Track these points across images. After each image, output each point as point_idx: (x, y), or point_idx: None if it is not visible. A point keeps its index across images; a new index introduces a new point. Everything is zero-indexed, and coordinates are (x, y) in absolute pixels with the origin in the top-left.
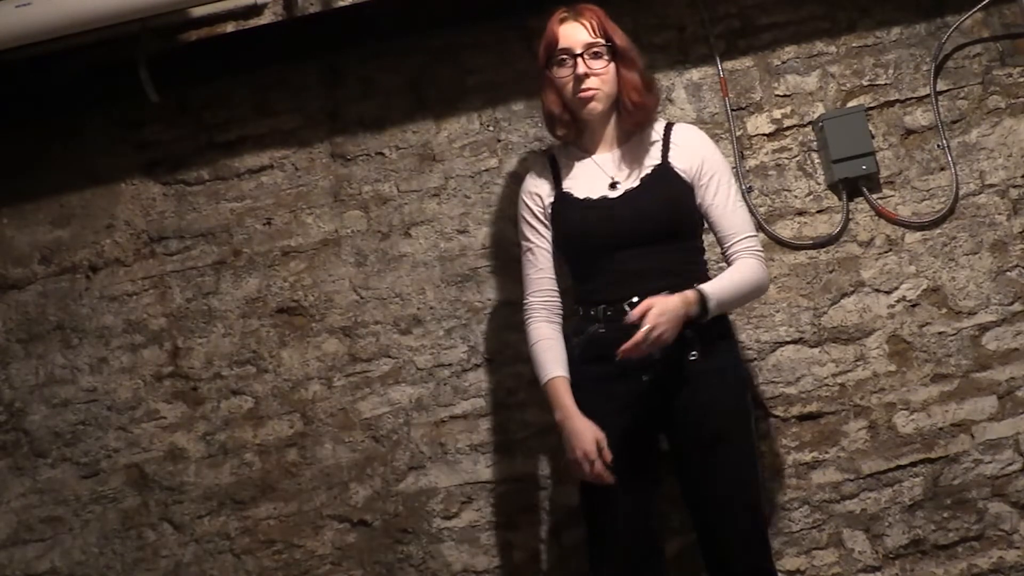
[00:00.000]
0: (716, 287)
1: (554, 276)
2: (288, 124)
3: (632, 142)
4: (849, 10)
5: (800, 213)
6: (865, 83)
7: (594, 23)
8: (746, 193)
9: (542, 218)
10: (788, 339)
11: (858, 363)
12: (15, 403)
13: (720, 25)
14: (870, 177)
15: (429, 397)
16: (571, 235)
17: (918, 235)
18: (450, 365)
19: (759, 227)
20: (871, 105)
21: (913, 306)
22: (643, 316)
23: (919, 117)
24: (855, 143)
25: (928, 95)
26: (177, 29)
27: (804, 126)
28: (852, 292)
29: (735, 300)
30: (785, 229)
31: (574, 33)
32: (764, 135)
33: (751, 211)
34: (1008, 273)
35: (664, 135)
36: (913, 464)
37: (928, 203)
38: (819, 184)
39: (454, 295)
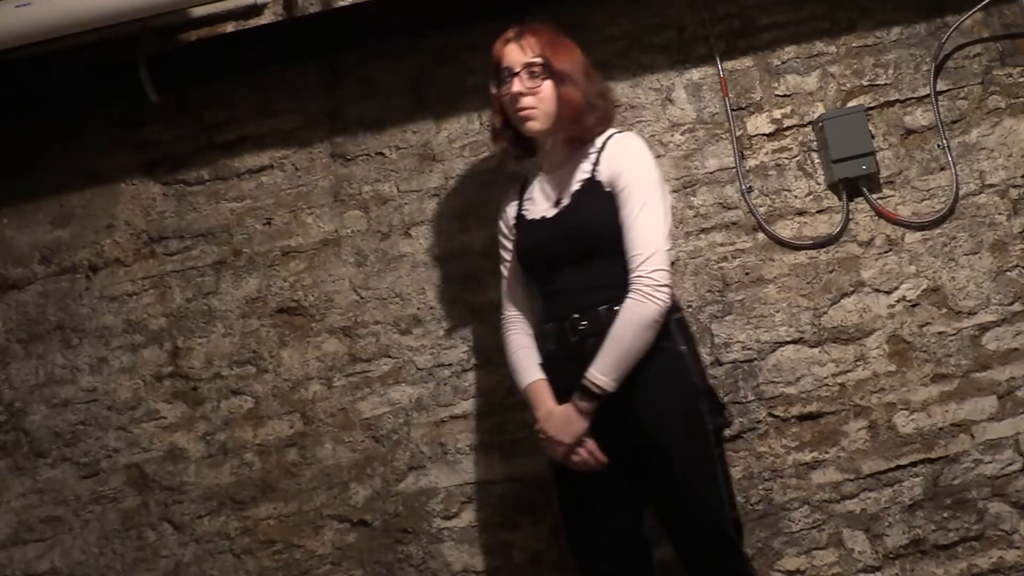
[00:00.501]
0: (601, 365)
1: (525, 290)
2: (288, 124)
3: (574, 158)
4: (849, 10)
5: (800, 213)
6: (865, 83)
7: (534, 43)
8: (746, 193)
9: (510, 236)
10: (788, 339)
11: (858, 363)
12: (15, 403)
13: (720, 25)
14: (870, 177)
15: (429, 397)
16: (520, 255)
17: (918, 235)
18: (450, 365)
19: (759, 227)
20: (871, 105)
21: (913, 306)
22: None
23: (919, 117)
24: (855, 143)
25: (928, 95)
26: (177, 29)
27: (804, 126)
28: (852, 292)
29: (627, 359)
30: (785, 229)
31: (514, 53)
32: (764, 135)
33: (669, 222)
34: (1008, 273)
35: (600, 148)
36: (913, 464)
37: (928, 203)
38: (819, 184)
39: (454, 295)
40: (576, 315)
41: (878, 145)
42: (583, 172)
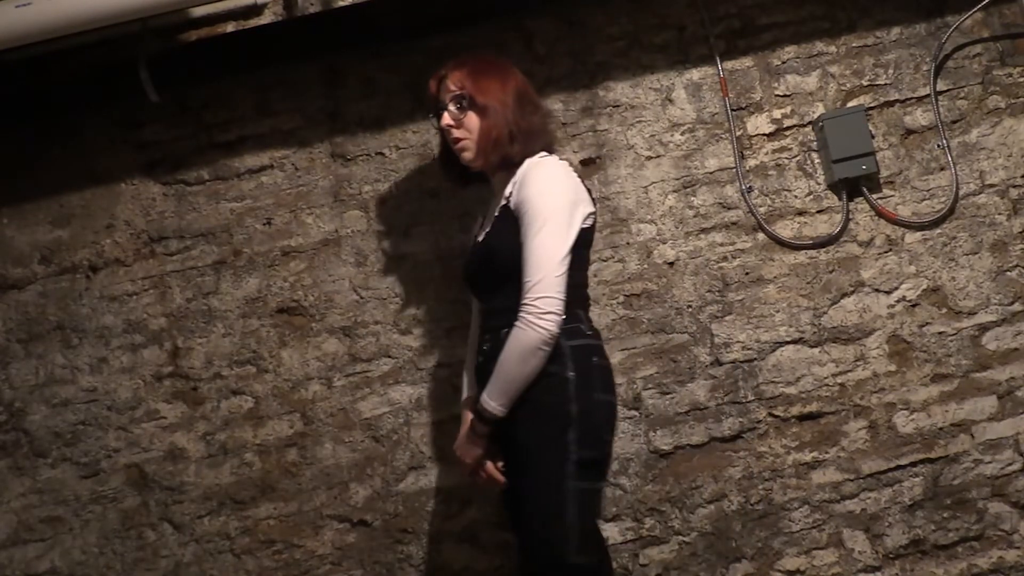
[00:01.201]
0: (491, 389)
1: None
2: (288, 124)
3: (504, 182)
4: (849, 10)
5: (800, 213)
6: (865, 83)
7: (458, 77)
8: (746, 193)
9: None
10: (788, 339)
11: (858, 363)
12: (15, 403)
13: (720, 25)
14: (870, 177)
15: (429, 397)
16: (461, 278)
17: (918, 235)
18: (450, 365)
19: (759, 227)
20: (871, 105)
21: (913, 306)
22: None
23: (919, 117)
24: (855, 143)
25: (928, 95)
26: (177, 29)
27: (804, 126)
28: (852, 292)
29: (513, 385)
30: (785, 229)
31: (444, 87)
32: (764, 135)
33: (559, 246)
34: (1008, 273)
35: (523, 176)
36: (913, 464)
37: (928, 203)
38: (819, 184)
39: (454, 295)
40: (487, 337)
41: (878, 145)
42: (503, 199)
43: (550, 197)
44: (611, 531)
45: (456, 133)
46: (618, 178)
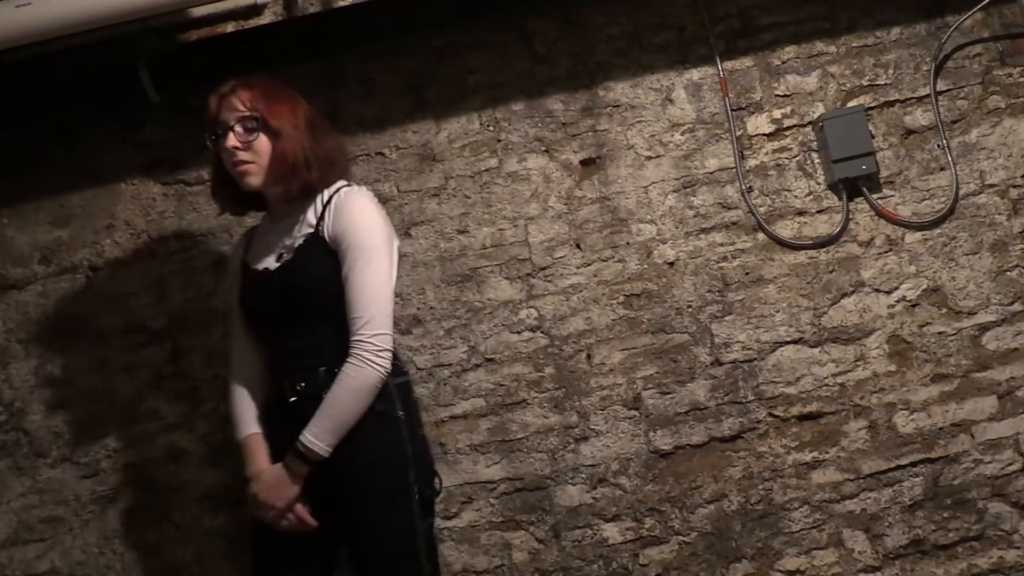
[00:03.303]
0: (317, 428)
1: (252, 341)
2: None
3: (298, 210)
4: (849, 10)
5: (800, 213)
6: (865, 83)
7: (247, 97)
8: (746, 193)
9: (237, 288)
10: (788, 339)
11: (858, 363)
12: (15, 403)
13: (720, 25)
14: (870, 177)
15: (429, 397)
16: (242, 306)
17: (918, 235)
18: (450, 365)
19: (759, 227)
20: (871, 105)
21: (913, 306)
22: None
23: (919, 117)
24: (855, 143)
25: (928, 95)
26: (177, 29)
27: (804, 126)
28: (852, 292)
29: (344, 425)
30: (785, 229)
31: (228, 107)
32: (764, 135)
33: (385, 286)
34: (1008, 273)
35: (326, 202)
36: (913, 464)
37: (928, 203)
38: (819, 184)
39: (454, 295)
40: (295, 375)
41: (878, 145)
42: (307, 226)
43: (375, 231)
44: (611, 531)
45: (242, 155)
46: (618, 178)
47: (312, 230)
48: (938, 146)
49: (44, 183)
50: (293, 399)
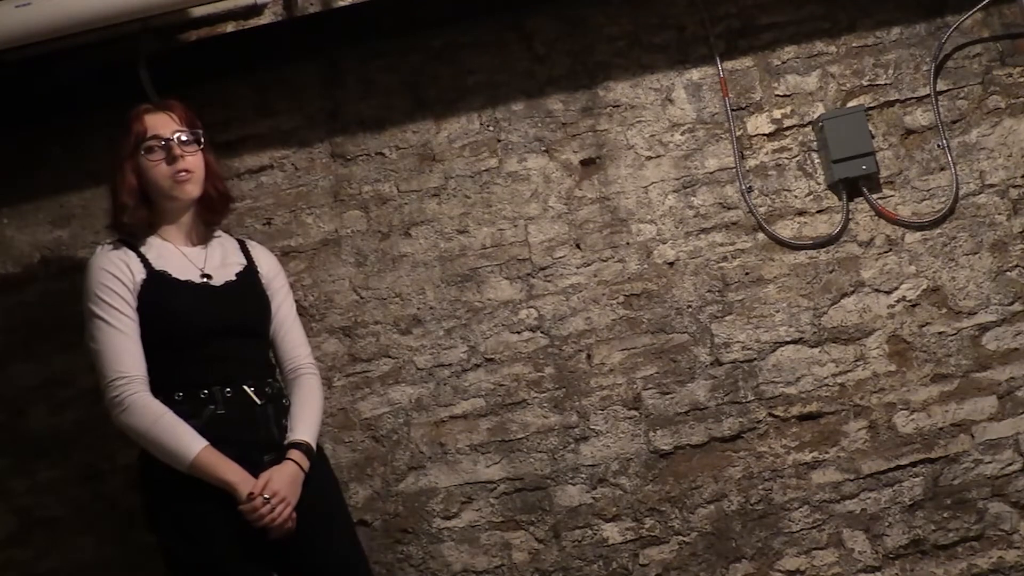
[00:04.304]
0: (310, 430)
1: (142, 351)
2: (288, 124)
3: (215, 241)
4: (849, 10)
5: (800, 213)
6: (865, 83)
7: (180, 114)
8: (746, 193)
9: (131, 290)
10: (788, 339)
11: (858, 363)
12: (15, 403)
13: (720, 25)
14: (870, 177)
15: (429, 397)
16: (174, 314)
17: (918, 235)
18: (450, 365)
19: (759, 227)
20: (871, 105)
21: (913, 306)
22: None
23: (919, 117)
24: (855, 143)
25: (928, 95)
26: (177, 29)
27: (804, 126)
28: (852, 292)
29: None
30: (785, 229)
31: (162, 122)
32: (764, 135)
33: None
34: (1008, 273)
35: (241, 245)
36: (913, 464)
37: (928, 203)
38: (819, 184)
39: (454, 295)
40: (251, 381)
41: (878, 145)
42: (239, 258)
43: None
44: (611, 531)
45: (187, 164)
46: (618, 178)
47: (246, 263)
48: (938, 146)
49: (44, 183)
50: (261, 402)
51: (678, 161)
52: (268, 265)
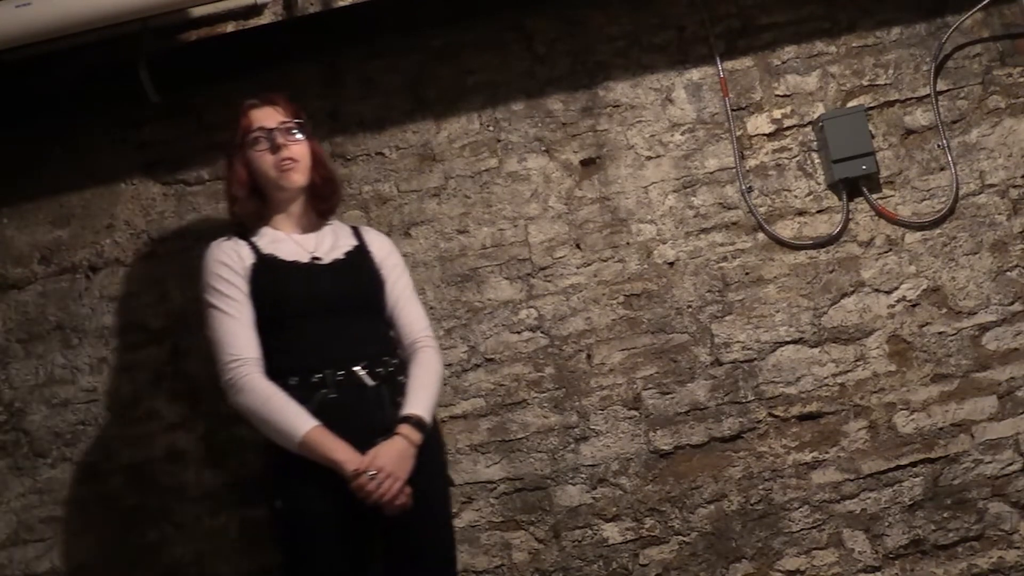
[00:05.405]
0: (423, 404)
1: (256, 333)
2: None
3: (327, 228)
4: (849, 10)
5: (800, 213)
6: (865, 83)
7: (284, 107)
8: (746, 193)
9: (243, 276)
10: (788, 339)
11: (858, 363)
12: (15, 403)
13: (720, 25)
14: (870, 177)
15: None
16: (283, 292)
17: (918, 235)
18: (450, 365)
19: (759, 227)
20: (871, 105)
21: (913, 306)
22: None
23: (919, 117)
24: (855, 143)
25: (928, 95)
26: (177, 29)
27: (804, 126)
28: (852, 292)
29: (435, 404)
30: (785, 229)
31: (267, 114)
32: (764, 135)
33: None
34: (1008, 273)
35: (354, 229)
36: (913, 464)
37: (928, 203)
38: (819, 184)
39: (454, 295)
40: (365, 362)
41: (878, 145)
42: (349, 239)
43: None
44: (611, 531)
45: (291, 152)
46: (618, 178)
47: (357, 243)
48: (938, 146)
49: (44, 183)
50: (375, 383)
51: (678, 161)
52: (380, 244)
